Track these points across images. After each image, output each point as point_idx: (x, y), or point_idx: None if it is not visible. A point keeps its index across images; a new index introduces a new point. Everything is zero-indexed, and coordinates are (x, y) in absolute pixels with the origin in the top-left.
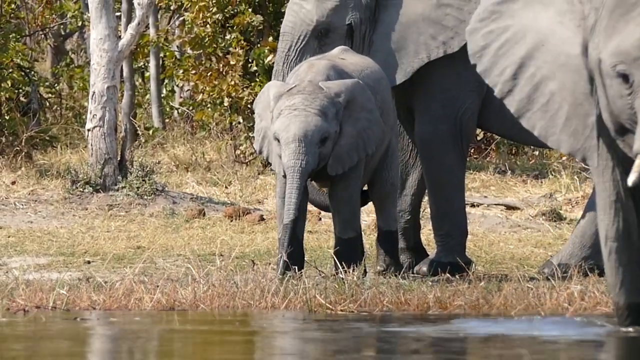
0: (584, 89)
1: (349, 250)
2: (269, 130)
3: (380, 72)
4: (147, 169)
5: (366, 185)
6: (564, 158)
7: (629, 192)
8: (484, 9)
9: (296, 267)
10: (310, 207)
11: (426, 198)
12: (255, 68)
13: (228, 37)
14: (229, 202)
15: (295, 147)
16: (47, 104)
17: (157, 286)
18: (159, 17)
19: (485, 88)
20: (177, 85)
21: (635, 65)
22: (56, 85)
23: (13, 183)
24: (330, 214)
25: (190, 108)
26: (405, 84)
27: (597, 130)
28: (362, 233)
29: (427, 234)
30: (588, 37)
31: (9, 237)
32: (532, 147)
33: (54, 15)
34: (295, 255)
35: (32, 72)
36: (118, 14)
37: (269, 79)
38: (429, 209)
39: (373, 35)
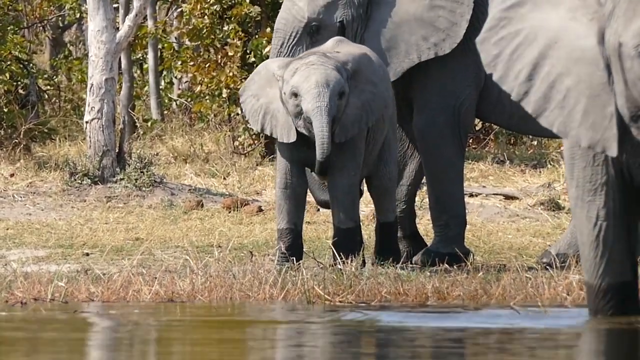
0: (601, 79)
1: (347, 240)
2: (272, 104)
3: (377, 61)
4: (146, 160)
5: (364, 179)
6: (562, 148)
7: (619, 174)
8: (492, 18)
9: (294, 258)
10: (309, 197)
11: (425, 188)
12: (253, 59)
13: (226, 28)
14: (227, 193)
15: (318, 91)
16: (46, 96)
17: (156, 278)
18: (156, 8)
19: (483, 79)
20: (176, 77)
21: None
22: (54, 77)
23: (12, 175)
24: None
25: (189, 100)
26: (404, 76)
27: (616, 119)
28: (361, 224)
29: (425, 224)
30: (605, 25)
31: (7, 229)
32: (530, 137)
33: (52, 7)
34: (293, 246)
35: (31, 65)
36: (116, 5)
37: None
38: (427, 199)
39: (365, 33)
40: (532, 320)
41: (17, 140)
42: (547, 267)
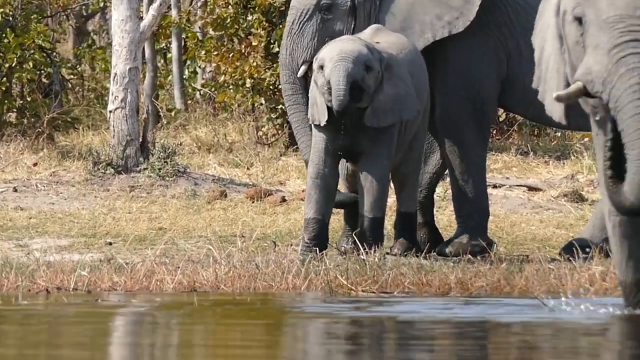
0: (559, 51)
1: (373, 230)
2: (312, 91)
3: (415, 51)
4: (169, 150)
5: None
6: (586, 139)
7: None
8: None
9: (317, 249)
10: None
11: (448, 179)
12: (277, 49)
13: (250, 18)
14: (251, 183)
15: (342, 56)
16: (69, 85)
17: (179, 267)
18: None
19: (505, 69)
20: (199, 67)
21: (588, 4)
22: (78, 66)
23: (35, 165)
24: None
25: (213, 89)
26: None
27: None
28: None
29: (449, 215)
30: None
31: (30, 218)
32: (554, 128)
33: None
34: (318, 237)
35: (54, 54)
36: None
37: None
38: (450, 190)
39: (379, 13)
40: None
41: (40, 130)
42: (570, 258)
